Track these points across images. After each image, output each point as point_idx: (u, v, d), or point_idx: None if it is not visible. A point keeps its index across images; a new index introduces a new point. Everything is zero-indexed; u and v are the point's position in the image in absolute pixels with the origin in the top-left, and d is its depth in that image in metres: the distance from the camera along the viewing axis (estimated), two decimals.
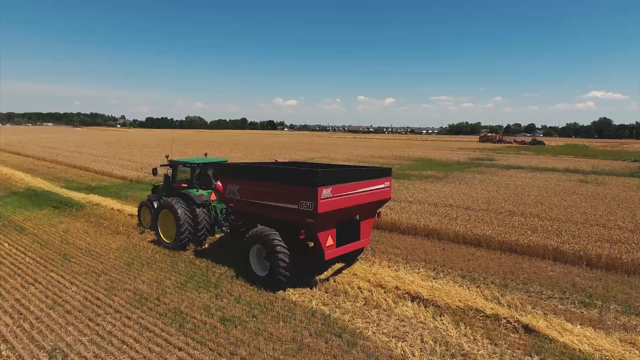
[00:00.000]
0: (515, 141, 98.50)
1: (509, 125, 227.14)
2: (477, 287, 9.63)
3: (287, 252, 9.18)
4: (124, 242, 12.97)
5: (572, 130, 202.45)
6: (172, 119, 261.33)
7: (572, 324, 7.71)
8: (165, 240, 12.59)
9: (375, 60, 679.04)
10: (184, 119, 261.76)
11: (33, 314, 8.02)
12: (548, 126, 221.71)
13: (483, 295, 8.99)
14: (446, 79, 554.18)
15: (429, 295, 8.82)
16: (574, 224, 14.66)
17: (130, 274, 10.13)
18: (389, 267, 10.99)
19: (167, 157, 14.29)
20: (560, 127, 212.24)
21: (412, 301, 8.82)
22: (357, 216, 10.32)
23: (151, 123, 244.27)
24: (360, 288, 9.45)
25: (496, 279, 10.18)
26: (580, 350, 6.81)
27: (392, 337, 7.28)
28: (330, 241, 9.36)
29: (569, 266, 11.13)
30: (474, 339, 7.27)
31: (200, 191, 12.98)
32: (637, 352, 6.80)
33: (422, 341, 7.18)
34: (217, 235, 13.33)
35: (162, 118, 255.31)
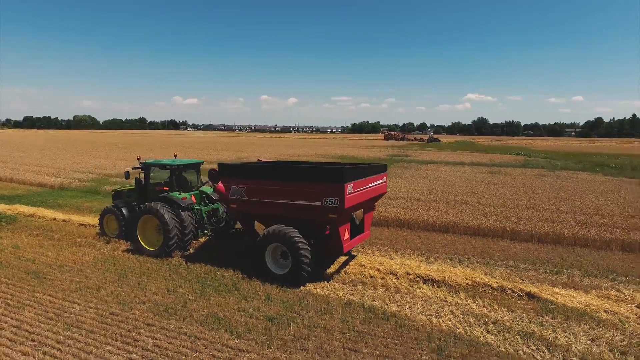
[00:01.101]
0: (415, 139, 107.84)
1: (404, 124, 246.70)
2: (466, 266, 11.00)
3: (309, 248, 9.46)
4: (95, 253, 11.81)
5: (456, 128, 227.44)
6: (56, 118, 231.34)
7: (557, 288, 9.38)
8: (147, 248, 11.79)
9: (278, 60, 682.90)
10: (72, 118, 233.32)
11: (50, 338, 7.14)
12: (436, 125, 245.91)
13: (479, 273, 10.33)
14: (345, 80, 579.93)
15: (440, 276, 9.85)
16: (509, 208, 17.18)
17: (131, 286, 9.42)
18: (382, 256, 11.85)
19: (139, 159, 13.31)
20: (447, 125, 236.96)
21: (424, 283, 9.78)
22: (362, 210, 10.99)
23: (31, 123, 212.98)
24: (373, 277, 10.13)
25: (478, 259, 11.69)
26: (575, 307, 8.40)
27: (429, 316, 8.11)
28: (346, 234, 9.87)
29: (524, 243, 13.19)
30: (494, 309, 8.46)
31: (183, 194, 12.41)
32: (613, 302, 8.62)
33: (454, 315, 8.13)
34: (201, 239, 12.88)
35: (44, 117, 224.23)
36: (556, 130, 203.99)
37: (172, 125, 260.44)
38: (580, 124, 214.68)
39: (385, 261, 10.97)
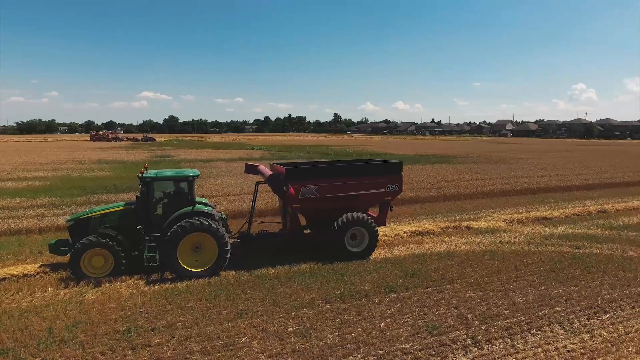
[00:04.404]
0: (127, 138, 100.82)
1: (87, 121, 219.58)
2: (420, 221, 16.50)
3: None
4: (133, 296, 9.72)
5: (148, 125, 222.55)
6: None
7: (473, 222, 16.39)
8: (192, 270, 10.74)
9: None
10: None
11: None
12: (127, 123, 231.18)
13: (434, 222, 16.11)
14: None
15: (422, 229, 15.07)
16: None
17: (269, 303, 9.51)
18: None
19: (143, 172, 11.01)
20: (137, 124, 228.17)
21: (418, 235, 14.67)
22: None
23: None
24: (389, 239, 14.09)
25: (413, 218, 17.36)
26: (490, 228, 15.55)
27: (457, 246, 13.17)
28: None
29: (422, 204, 19.99)
30: (465, 236, 14.47)
31: (208, 206, 11.76)
32: (502, 222, 16.36)
33: (463, 245, 13.52)
34: None
35: None
36: (238, 127, 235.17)
37: None
38: (250, 122, 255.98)
39: (385, 228, 14.92)
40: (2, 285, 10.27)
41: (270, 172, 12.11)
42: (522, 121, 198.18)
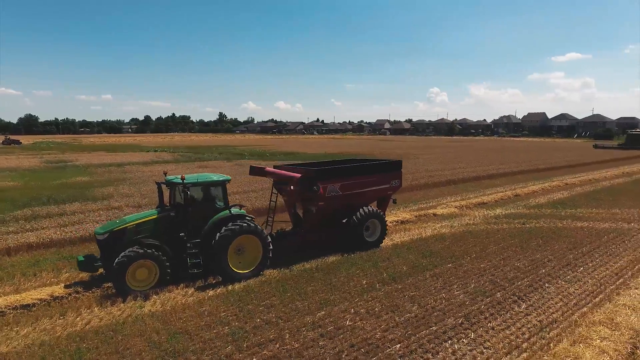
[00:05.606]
0: None
1: None
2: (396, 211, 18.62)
3: None
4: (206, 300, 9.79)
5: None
6: None
7: (435, 209, 19.15)
8: (240, 272, 11.09)
9: None
10: None
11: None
12: None
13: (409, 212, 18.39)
14: None
15: (402, 218, 17.20)
16: None
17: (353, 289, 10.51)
18: None
19: (183, 179, 10.72)
20: (9, 121, 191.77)
21: (401, 224, 16.79)
22: None
23: None
24: (390, 226, 15.88)
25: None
26: (449, 214, 18.50)
27: (446, 228, 15.64)
28: None
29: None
30: (440, 220, 17.10)
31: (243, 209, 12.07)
32: (455, 208, 19.45)
33: (444, 229, 16.07)
34: None
35: None
36: (114, 127, 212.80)
37: None
38: (127, 121, 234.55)
39: None
40: (36, 311, 9.23)
41: (298, 174, 12.75)
42: (395, 120, 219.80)
